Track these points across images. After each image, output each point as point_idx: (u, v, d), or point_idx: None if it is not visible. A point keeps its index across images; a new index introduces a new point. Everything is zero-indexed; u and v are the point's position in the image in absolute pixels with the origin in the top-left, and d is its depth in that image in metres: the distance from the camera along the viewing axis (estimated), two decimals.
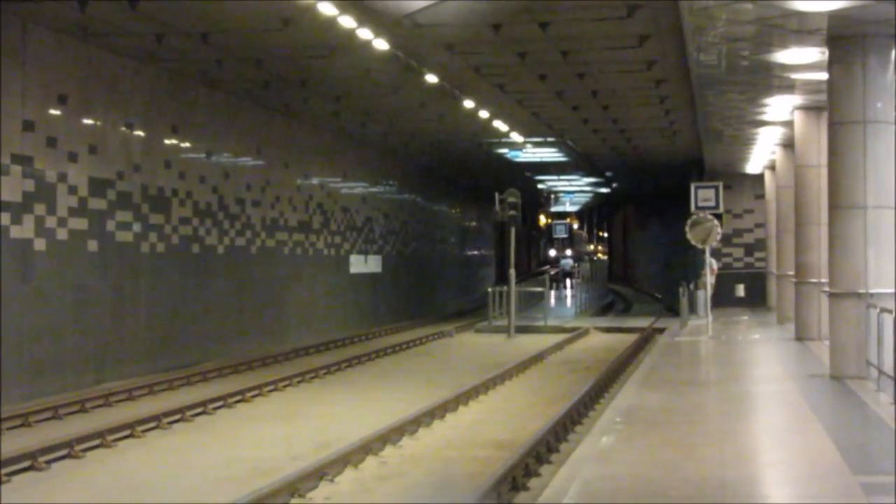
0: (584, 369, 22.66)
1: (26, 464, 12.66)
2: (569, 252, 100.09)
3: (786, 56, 17.62)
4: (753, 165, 36.31)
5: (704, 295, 28.93)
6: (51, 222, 18.94)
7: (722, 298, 35.43)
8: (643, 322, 34.91)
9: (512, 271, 33.71)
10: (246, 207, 26.80)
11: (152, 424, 15.57)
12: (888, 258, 15.84)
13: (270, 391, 19.47)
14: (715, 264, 30.44)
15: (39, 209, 18.62)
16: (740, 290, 38.40)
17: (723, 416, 13.75)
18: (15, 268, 18.02)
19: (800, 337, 23.10)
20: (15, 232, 17.97)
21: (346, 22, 18.42)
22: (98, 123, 20.54)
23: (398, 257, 40.90)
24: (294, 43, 20.50)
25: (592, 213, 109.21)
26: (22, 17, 18.09)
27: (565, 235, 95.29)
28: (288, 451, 13.69)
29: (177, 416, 16.24)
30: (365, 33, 19.13)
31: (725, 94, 22.15)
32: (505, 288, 35.48)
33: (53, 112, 19.15)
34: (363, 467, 12.61)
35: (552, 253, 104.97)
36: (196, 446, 14.37)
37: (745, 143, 30.28)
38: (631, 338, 29.58)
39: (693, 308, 30.60)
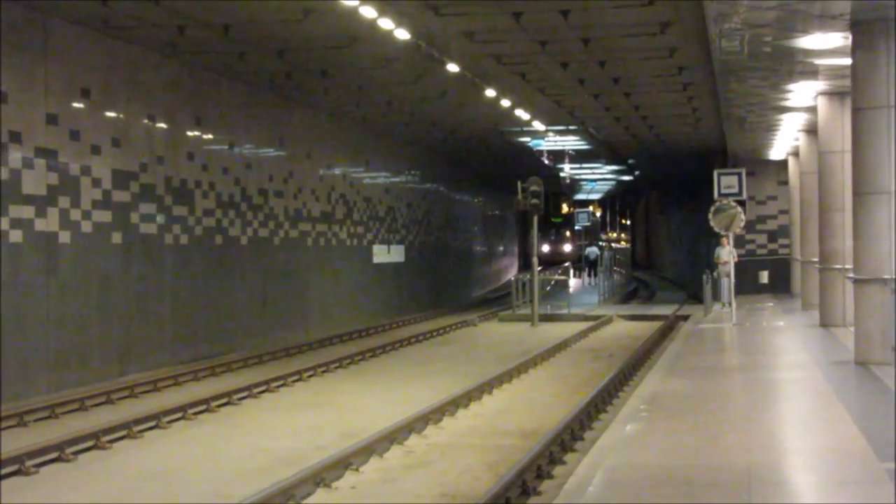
0: (608, 357, 22.64)
1: (53, 455, 12.75)
2: (567, 248, 79.38)
3: (809, 41, 17.52)
4: (777, 152, 36.14)
5: (728, 282, 28.85)
6: (75, 215, 19.04)
7: (746, 285, 35.29)
8: (667, 310, 34.84)
9: (535, 259, 33.70)
10: (269, 198, 26.86)
11: (178, 415, 15.65)
12: None
13: (295, 381, 19.54)
14: (735, 253, 30.32)
15: (64, 202, 18.73)
16: (764, 277, 38.25)
17: (748, 403, 13.71)
18: (40, 260, 18.14)
19: (824, 323, 22.99)
20: (40, 225, 18.07)
21: (367, 12, 18.42)
22: (121, 116, 20.62)
23: (421, 247, 40.92)
24: (315, 33, 20.53)
25: (615, 201, 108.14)
26: (44, 12, 18.17)
27: (588, 223, 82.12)
28: (313, 441, 13.74)
29: (202, 407, 16.32)
30: (386, 23, 19.13)
31: (748, 81, 22.05)
32: (528, 276, 35.47)
33: (76, 105, 19.24)
34: (388, 456, 12.65)
35: (545, 249, 77.84)
36: (222, 437, 14.44)
37: (769, 129, 30.14)
38: (655, 325, 29.53)
39: (717, 295, 30.54)
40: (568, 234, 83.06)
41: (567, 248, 79.19)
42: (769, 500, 8.51)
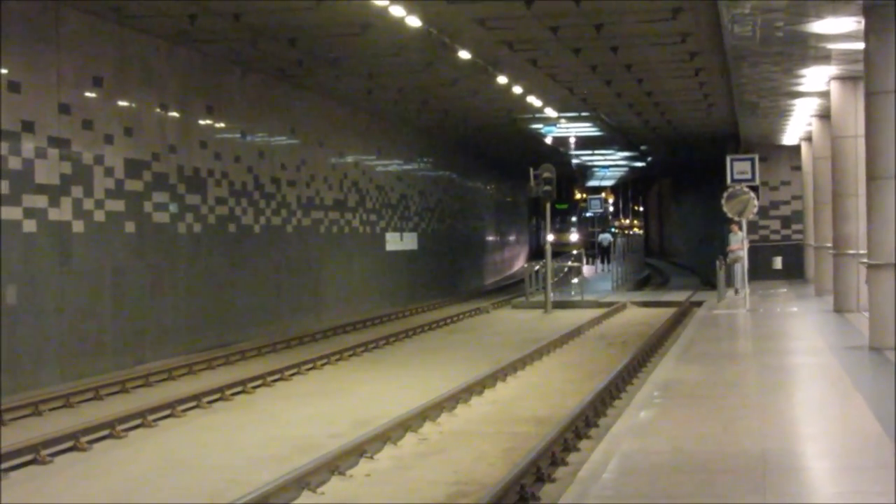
0: (622, 344, 22.63)
1: (68, 444, 12.78)
2: (574, 236, 74.83)
3: (821, 26, 17.45)
4: (789, 137, 36.03)
5: (741, 268, 28.78)
6: (88, 204, 19.07)
7: (759, 271, 35.22)
8: (680, 296, 34.80)
9: (548, 246, 33.67)
10: (281, 186, 26.88)
11: (192, 404, 15.68)
12: None
13: (309, 369, 19.56)
14: (738, 241, 30.09)
15: (77, 191, 18.75)
16: (777, 263, 38.18)
17: (762, 388, 13.69)
18: (54, 250, 18.17)
19: (838, 309, 22.95)
20: (53, 214, 18.11)
21: None
22: (133, 105, 20.64)
23: (434, 234, 40.93)
24: (327, 21, 20.51)
25: (628, 188, 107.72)
26: (56, 1, 18.18)
27: (600, 210, 79.04)
28: (327, 429, 13.75)
29: (216, 396, 16.35)
30: (398, 10, 19.11)
31: (760, 66, 21.97)
32: (541, 263, 35.44)
33: (89, 94, 19.26)
34: (403, 444, 12.66)
35: (550, 238, 72.32)
36: (236, 425, 14.47)
37: (781, 114, 30.05)
38: (668, 312, 29.48)
39: (730, 281, 30.47)
40: (574, 221, 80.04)
41: (573, 236, 74.87)
42: (784, 486, 8.50)
